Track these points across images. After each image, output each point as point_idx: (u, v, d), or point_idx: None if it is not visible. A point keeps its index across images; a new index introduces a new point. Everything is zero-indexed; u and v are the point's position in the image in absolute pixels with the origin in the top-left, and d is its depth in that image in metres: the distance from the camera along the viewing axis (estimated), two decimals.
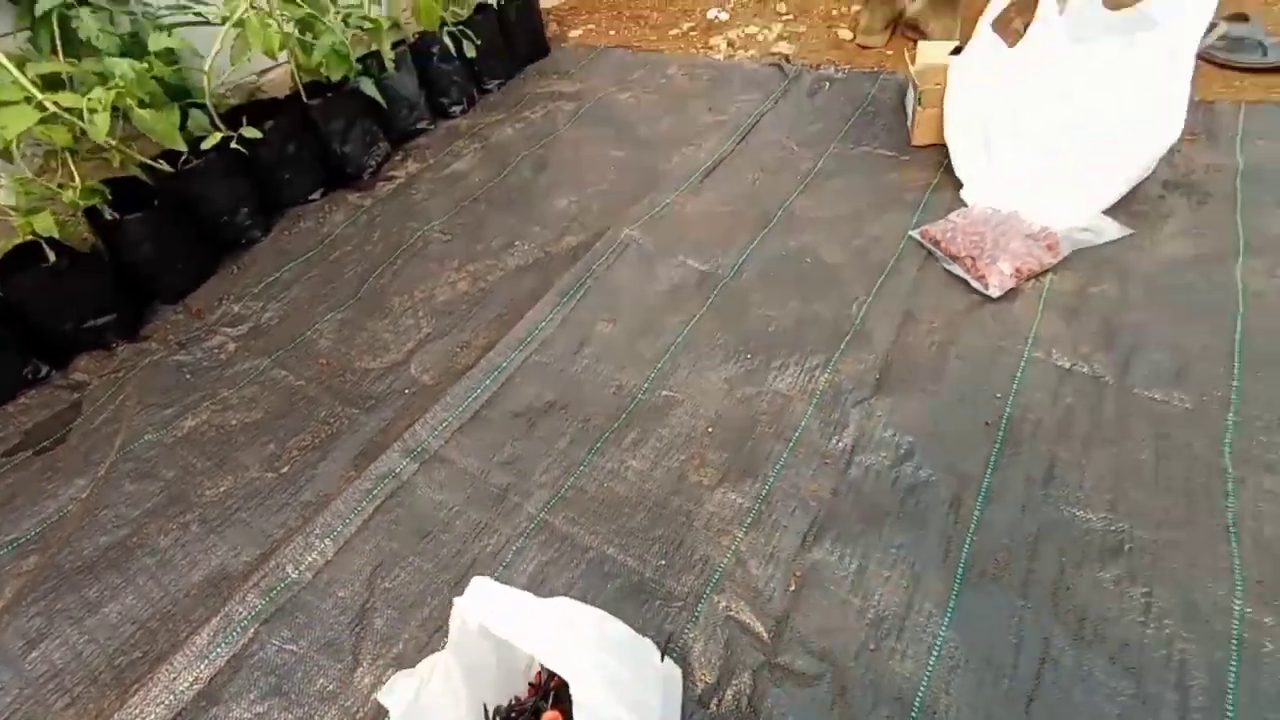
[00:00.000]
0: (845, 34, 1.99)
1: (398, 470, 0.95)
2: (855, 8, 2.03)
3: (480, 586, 0.55)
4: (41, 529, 0.98)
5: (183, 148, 1.35)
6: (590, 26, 2.38)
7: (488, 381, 1.06)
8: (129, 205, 1.34)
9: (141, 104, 1.28)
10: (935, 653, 0.70)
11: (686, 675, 0.71)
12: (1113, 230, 1.11)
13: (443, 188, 1.61)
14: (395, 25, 1.73)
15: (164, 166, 1.38)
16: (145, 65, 1.26)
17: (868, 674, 0.69)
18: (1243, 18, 1.49)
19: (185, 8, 1.46)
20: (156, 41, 1.27)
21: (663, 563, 0.81)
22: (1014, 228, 1.13)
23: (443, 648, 0.60)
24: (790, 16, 2.19)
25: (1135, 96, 1.10)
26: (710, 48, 2.09)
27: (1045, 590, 0.73)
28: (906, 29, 1.90)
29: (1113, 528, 0.77)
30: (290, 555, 0.85)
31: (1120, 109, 1.11)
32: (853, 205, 1.32)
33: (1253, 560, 0.72)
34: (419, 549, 0.86)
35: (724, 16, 2.26)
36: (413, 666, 0.71)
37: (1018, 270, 1.07)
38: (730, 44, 2.09)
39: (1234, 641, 0.66)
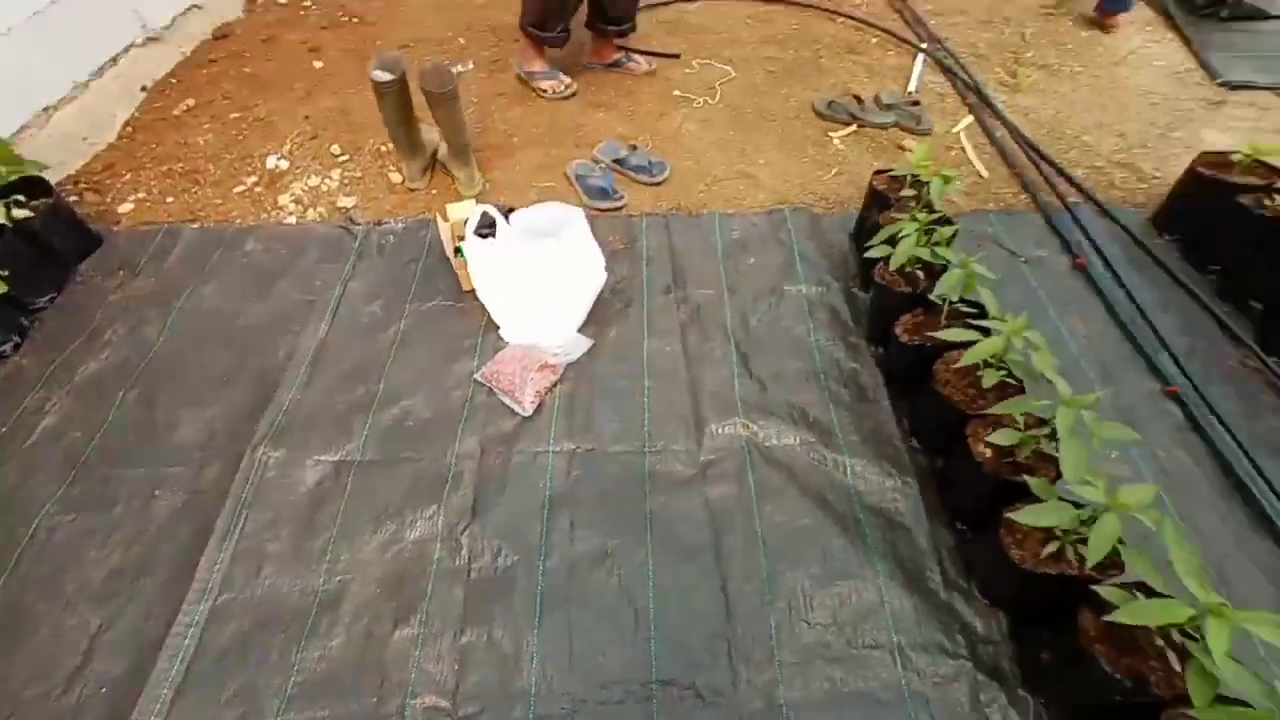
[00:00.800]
0: (395, 176, 2.42)
1: None
2: None
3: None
4: None
5: None
6: (141, 195, 2.34)
7: (185, 641, 1.33)
8: None
9: None
10: (534, 658, 1.32)
11: None
12: (583, 345, 1.84)
13: (40, 457, 1.63)
14: None
15: None
16: None
17: (497, 694, 1.28)
18: (633, 147, 2.39)
19: None
20: None
21: (374, 699, 1.27)
22: (533, 360, 1.78)
23: None
24: (346, 157, 2.51)
25: (572, 261, 1.82)
26: (280, 207, 2.31)
27: (575, 594, 1.40)
28: (443, 168, 2.42)
29: (604, 543, 1.48)
30: None
31: (568, 272, 1.82)
32: (431, 361, 1.83)
33: (657, 526, 1.50)
34: None
35: (284, 165, 2.46)
36: None
37: (538, 392, 1.73)
38: (298, 201, 2.33)
39: (651, 577, 1.43)
